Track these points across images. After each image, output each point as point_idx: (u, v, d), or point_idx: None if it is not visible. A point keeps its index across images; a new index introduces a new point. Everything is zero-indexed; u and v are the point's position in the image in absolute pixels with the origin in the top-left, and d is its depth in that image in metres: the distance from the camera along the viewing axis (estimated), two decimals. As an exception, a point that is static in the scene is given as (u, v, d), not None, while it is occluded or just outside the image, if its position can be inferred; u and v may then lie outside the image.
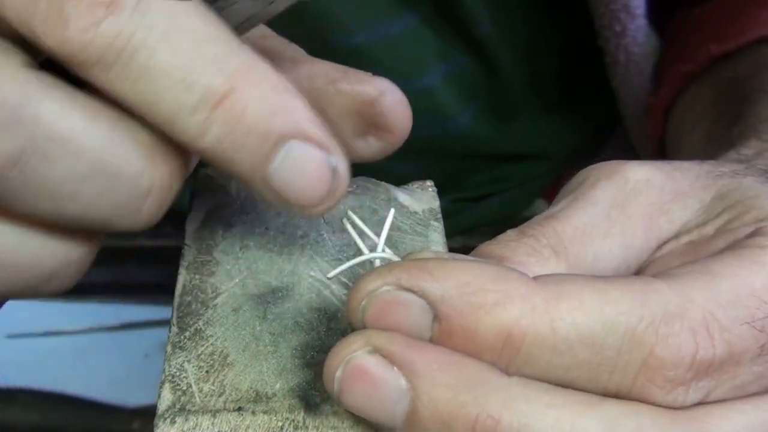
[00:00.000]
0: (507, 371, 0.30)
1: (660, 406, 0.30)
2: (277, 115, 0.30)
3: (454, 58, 0.64)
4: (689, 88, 0.61)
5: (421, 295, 0.30)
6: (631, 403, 0.30)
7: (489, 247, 0.35)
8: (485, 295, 0.30)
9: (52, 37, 0.29)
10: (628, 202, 0.36)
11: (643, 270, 0.36)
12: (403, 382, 0.30)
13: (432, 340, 0.31)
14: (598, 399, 0.30)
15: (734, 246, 0.33)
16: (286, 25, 0.59)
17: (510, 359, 0.30)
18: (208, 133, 0.30)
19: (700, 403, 0.30)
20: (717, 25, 0.61)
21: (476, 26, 0.62)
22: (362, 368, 0.30)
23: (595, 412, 0.30)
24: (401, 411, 0.30)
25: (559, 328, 0.29)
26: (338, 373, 0.31)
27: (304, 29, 0.58)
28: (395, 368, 0.30)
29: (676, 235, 0.36)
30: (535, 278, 0.31)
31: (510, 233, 0.35)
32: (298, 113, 0.31)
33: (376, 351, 0.30)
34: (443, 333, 0.30)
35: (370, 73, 0.41)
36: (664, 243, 0.36)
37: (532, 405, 0.29)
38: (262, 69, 0.30)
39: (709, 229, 0.35)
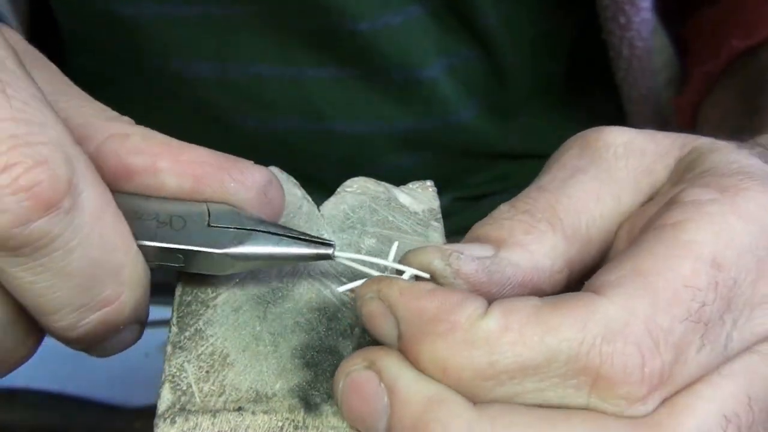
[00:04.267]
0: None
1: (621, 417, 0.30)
2: (139, 311, 0.34)
3: (457, 51, 0.63)
4: (713, 88, 0.61)
5: (390, 309, 0.32)
6: (596, 418, 0.30)
7: (484, 228, 0.35)
8: (435, 325, 0.31)
9: None
10: (614, 167, 0.36)
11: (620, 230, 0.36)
12: (386, 398, 0.31)
13: None
14: (563, 416, 0.30)
15: (653, 223, 0.33)
16: (288, 11, 0.59)
17: (454, 388, 0.31)
18: (78, 329, 0.33)
19: (662, 402, 0.30)
20: (736, 23, 0.61)
21: (482, 18, 0.62)
22: (357, 382, 0.32)
23: (561, 429, 0.30)
24: (383, 426, 0.31)
25: (498, 362, 0.30)
26: (341, 385, 0.32)
27: (307, 15, 0.58)
28: (382, 385, 0.31)
29: (655, 194, 0.36)
30: (494, 305, 0.31)
31: (503, 208, 0.35)
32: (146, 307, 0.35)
33: (371, 366, 0.32)
34: (402, 350, 0.32)
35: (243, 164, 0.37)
36: (647, 201, 0.36)
37: (495, 427, 0.30)
38: (145, 277, 0.34)
39: (665, 188, 0.36)
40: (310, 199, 0.41)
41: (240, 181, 0.35)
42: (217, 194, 0.35)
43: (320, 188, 0.44)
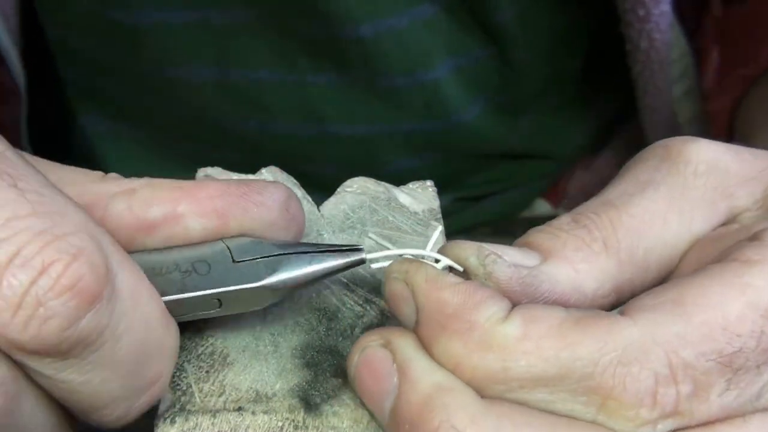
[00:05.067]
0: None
1: None
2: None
3: (467, 50, 0.63)
4: (750, 90, 0.60)
5: (412, 294, 0.32)
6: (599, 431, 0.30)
7: (539, 235, 0.34)
8: (454, 321, 0.31)
9: (22, 335, 0.27)
10: (689, 184, 0.34)
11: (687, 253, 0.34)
12: (395, 379, 0.31)
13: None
14: (568, 424, 0.30)
15: (725, 257, 0.32)
16: (288, 17, 0.59)
17: (465, 383, 0.31)
18: (129, 416, 0.32)
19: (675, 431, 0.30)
20: None
21: (498, 14, 0.61)
22: (370, 359, 0.32)
23: None
24: (389, 405, 0.31)
25: (512, 368, 0.30)
26: (355, 359, 0.33)
27: (307, 21, 0.58)
28: (394, 365, 0.31)
29: (730, 221, 0.35)
30: (516, 309, 0.31)
31: (564, 219, 0.34)
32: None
33: (386, 345, 0.32)
34: (418, 335, 0.32)
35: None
36: (721, 225, 0.35)
37: (498, 423, 0.30)
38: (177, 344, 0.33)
39: (750, 218, 0.34)
40: (310, 199, 0.41)
41: (261, 203, 0.34)
42: (242, 224, 0.34)
43: (320, 188, 0.44)
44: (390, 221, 0.40)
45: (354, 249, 0.35)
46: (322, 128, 0.64)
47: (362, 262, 0.35)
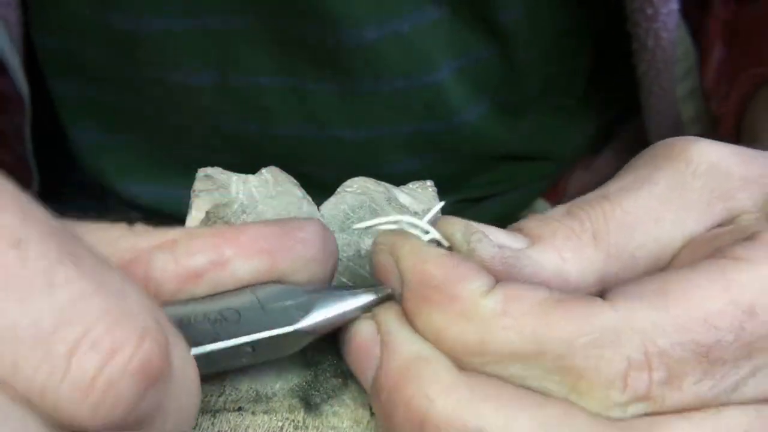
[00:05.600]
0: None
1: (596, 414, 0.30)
2: None
3: (470, 51, 0.63)
4: (757, 92, 0.60)
5: (397, 266, 0.33)
6: (571, 411, 0.30)
7: (532, 222, 0.34)
8: (435, 293, 0.31)
9: (92, 419, 0.26)
10: (688, 185, 0.34)
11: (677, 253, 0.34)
12: (378, 350, 0.32)
13: None
14: (538, 401, 0.30)
15: (718, 252, 0.32)
16: (289, 23, 0.59)
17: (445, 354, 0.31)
18: None
19: (643, 415, 0.30)
20: None
21: (504, 14, 0.61)
22: (358, 330, 0.33)
23: (532, 413, 0.30)
24: (371, 376, 0.32)
25: (489, 342, 0.30)
26: (346, 334, 0.33)
27: (315, 25, 0.58)
28: (378, 337, 0.32)
29: (726, 223, 0.34)
30: (499, 285, 0.31)
31: (559, 209, 0.35)
32: None
33: (372, 317, 0.33)
34: (402, 308, 0.32)
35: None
36: (717, 226, 0.34)
37: (470, 394, 0.30)
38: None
39: (750, 220, 0.34)
40: (310, 199, 0.41)
41: (304, 239, 0.33)
42: (291, 263, 0.33)
43: (320, 189, 0.44)
44: (390, 221, 0.40)
45: (381, 286, 0.34)
46: (323, 132, 0.64)
47: (392, 297, 0.34)
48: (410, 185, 0.42)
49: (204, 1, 0.58)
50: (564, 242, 0.33)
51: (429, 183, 0.42)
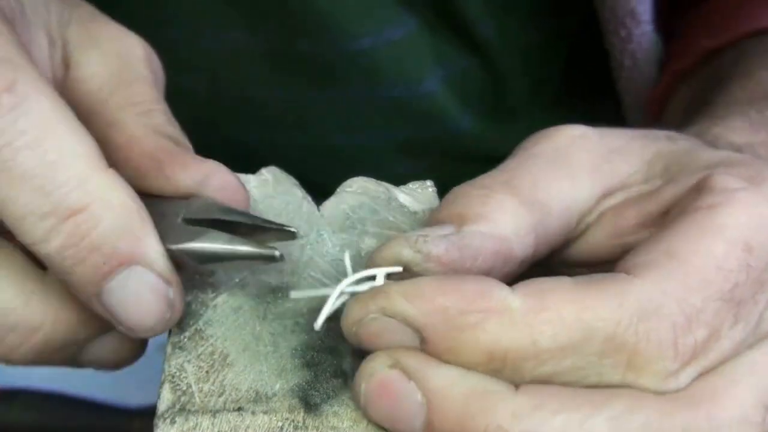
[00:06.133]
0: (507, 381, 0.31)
1: (658, 393, 0.31)
2: (125, 239, 0.32)
3: (453, 61, 0.64)
4: (679, 86, 0.62)
5: (404, 322, 0.32)
6: (635, 397, 0.31)
7: (444, 208, 0.35)
8: (465, 318, 0.31)
9: None
10: (569, 153, 0.37)
11: (592, 218, 0.37)
12: (419, 396, 0.31)
13: None
14: (603, 397, 0.31)
15: (685, 208, 0.34)
16: (288, 34, 0.59)
17: (497, 372, 0.31)
18: (52, 240, 0.31)
19: (696, 377, 0.31)
20: (709, 23, 0.62)
21: (477, 28, 0.62)
22: (383, 382, 0.32)
23: (601, 413, 0.30)
24: (419, 424, 0.31)
25: (539, 341, 0.30)
26: (363, 387, 0.32)
27: (309, 35, 0.58)
28: (412, 383, 0.31)
29: (622, 187, 0.37)
30: (517, 287, 0.31)
31: (463, 187, 0.36)
32: (147, 241, 0.33)
33: (395, 366, 0.32)
34: (432, 352, 0.31)
35: (194, 157, 0.39)
36: (612, 193, 0.37)
37: (539, 412, 0.30)
38: (121, 194, 0.32)
39: (657, 182, 0.37)
40: (310, 199, 0.41)
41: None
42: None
43: (320, 189, 0.44)
44: (390, 221, 0.40)
45: (285, 231, 0.36)
46: (321, 140, 0.64)
47: (274, 260, 0.35)
48: (410, 185, 0.42)
49: (199, 13, 0.58)
50: (484, 208, 0.34)
51: (429, 183, 0.43)
